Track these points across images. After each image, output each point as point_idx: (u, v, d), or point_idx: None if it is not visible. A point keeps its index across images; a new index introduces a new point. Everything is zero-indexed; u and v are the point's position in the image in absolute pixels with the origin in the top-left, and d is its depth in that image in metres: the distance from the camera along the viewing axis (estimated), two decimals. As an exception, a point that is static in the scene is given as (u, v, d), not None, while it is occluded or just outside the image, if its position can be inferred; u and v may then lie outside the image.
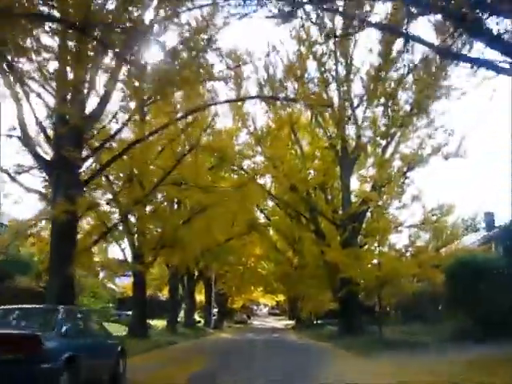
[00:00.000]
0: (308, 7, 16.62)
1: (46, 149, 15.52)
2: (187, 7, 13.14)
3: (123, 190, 19.05)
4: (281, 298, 73.62)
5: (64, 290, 14.02)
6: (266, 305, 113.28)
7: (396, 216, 26.88)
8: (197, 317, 53.46)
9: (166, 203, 24.57)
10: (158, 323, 34.48)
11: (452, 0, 10.45)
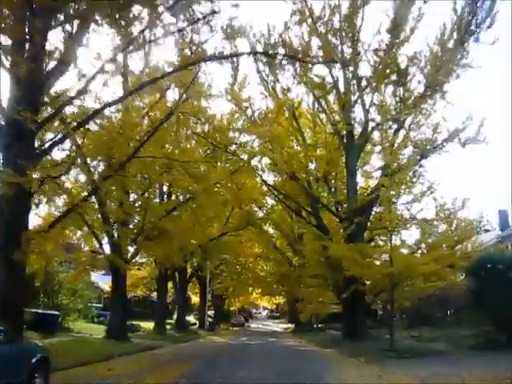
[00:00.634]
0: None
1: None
2: None
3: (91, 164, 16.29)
4: (280, 300, 71.13)
5: (10, 282, 11.40)
6: (265, 308, 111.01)
7: (408, 207, 24.46)
8: (193, 319, 51.00)
9: (149, 191, 21.78)
10: (148, 325, 31.93)
11: None
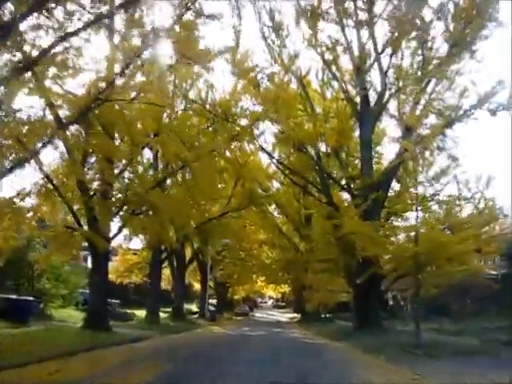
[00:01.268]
0: None
1: None
2: None
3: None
4: (286, 289, 68.70)
5: None
6: (271, 297, 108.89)
7: (431, 182, 21.66)
8: (195, 307, 48.47)
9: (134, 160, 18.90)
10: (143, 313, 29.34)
11: None
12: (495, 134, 35.91)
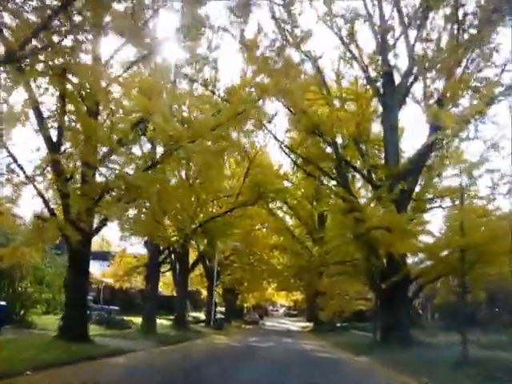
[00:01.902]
0: None
1: None
2: None
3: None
4: (298, 296, 65.88)
5: None
6: (283, 305, 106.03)
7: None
8: (203, 315, 45.65)
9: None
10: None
11: None
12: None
